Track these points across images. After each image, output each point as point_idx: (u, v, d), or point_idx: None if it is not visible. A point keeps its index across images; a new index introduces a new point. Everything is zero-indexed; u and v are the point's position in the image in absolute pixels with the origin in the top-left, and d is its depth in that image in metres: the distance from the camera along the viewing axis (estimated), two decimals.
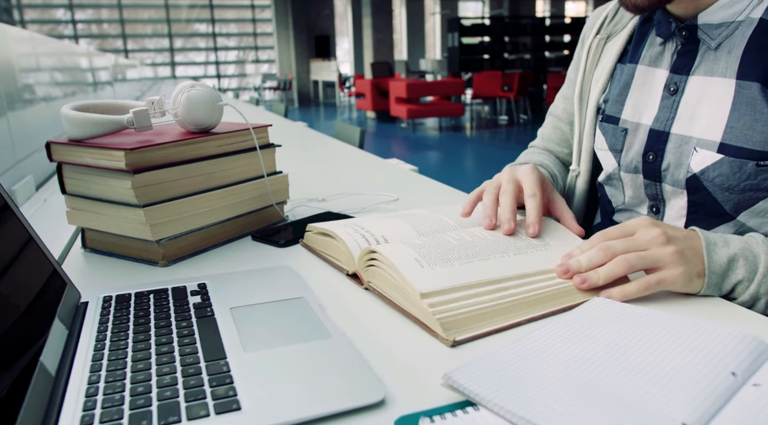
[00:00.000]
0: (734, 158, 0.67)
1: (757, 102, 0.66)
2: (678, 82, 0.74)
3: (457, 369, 0.44)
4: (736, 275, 0.59)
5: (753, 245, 0.60)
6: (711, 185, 0.70)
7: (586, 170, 0.91)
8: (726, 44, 0.69)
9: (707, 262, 0.59)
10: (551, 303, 0.59)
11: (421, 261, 0.60)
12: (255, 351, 0.51)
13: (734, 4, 0.68)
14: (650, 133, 0.77)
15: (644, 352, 0.45)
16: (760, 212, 0.69)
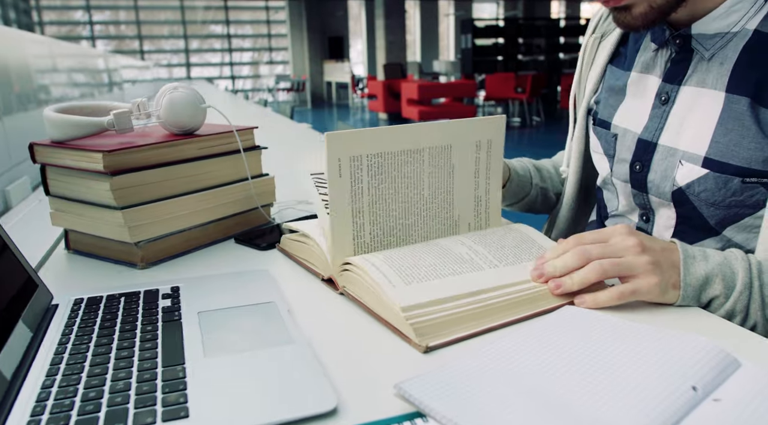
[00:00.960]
0: (719, 174, 0.65)
1: (745, 118, 0.63)
2: (670, 91, 0.71)
3: (409, 379, 0.43)
4: (713, 290, 0.58)
5: (732, 261, 0.59)
6: (697, 200, 0.68)
7: (574, 172, 0.90)
8: (719, 55, 0.66)
9: (683, 274, 0.57)
10: (525, 308, 0.58)
11: (396, 279, 0.59)
12: (215, 356, 0.51)
13: (730, 14, 0.65)
14: (638, 143, 0.75)
15: (606, 363, 0.44)
16: (747, 227, 0.67)
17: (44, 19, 15.14)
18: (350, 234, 0.66)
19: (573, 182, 0.90)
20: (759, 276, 0.58)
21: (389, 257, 0.63)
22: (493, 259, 0.64)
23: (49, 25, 15.32)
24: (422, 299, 0.55)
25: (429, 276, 0.59)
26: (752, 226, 0.67)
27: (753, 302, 0.57)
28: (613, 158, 0.80)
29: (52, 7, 15.38)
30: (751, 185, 0.64)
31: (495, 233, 0.71)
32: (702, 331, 0.54)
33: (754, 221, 0.66)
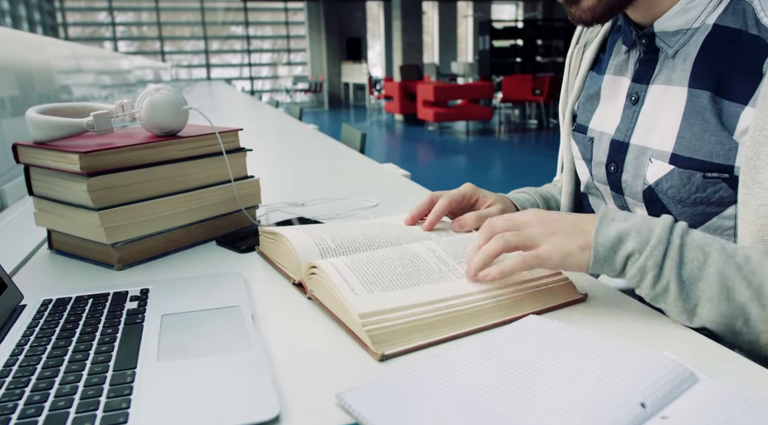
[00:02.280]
0: (683, 169, 0.64)
1: (706, 111, 0.63)
2: (639, 91, 0.72)
3: (350, 390, 0.42)
4: (627, 247, 0.55)
5: (655, 220, 0.56)
6: (665, 198, 0.68)
7: (567, 180, 0.90)
8: (682, 52, 0.67)
9: (594, 235, 0.56)
10: (487, 317, 0.56)
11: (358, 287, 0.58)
12: (168, 361, 0.50)
13: (688, 11, 0.65)
14: (611, 143, 0.75)
15: (555, 376, 0.43)
16: (717, 228, 0.65)
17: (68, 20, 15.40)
18: (311, 241, 0.65)
19: (567, 191, 0.89)
20: (682, 236, 0.55)
21: (355, 263, 0.62)
22: (461, 270, 0.63)
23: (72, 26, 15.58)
24: (381, 307, 0.54)
25: (392, 286, 0.58)
26: (722, 227, 0.65)
27: (669, 259, 0.54)
28: (591, 161, 0.80)
29: (75, 8, 15.64)
30: (712, 180, 0.63)
31: (467, 239, 0.69)
32: (676, 346, 0.52)
33: (723, 222, 0.65)
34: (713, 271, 0.53)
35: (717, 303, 0.52)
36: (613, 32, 0.80)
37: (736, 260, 0.53)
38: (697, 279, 0.53)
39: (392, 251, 0.66)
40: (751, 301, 0.52)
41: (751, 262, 0.53)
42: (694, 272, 0.53)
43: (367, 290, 0.57)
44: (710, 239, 0.55)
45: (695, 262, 0.53)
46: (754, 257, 0.54)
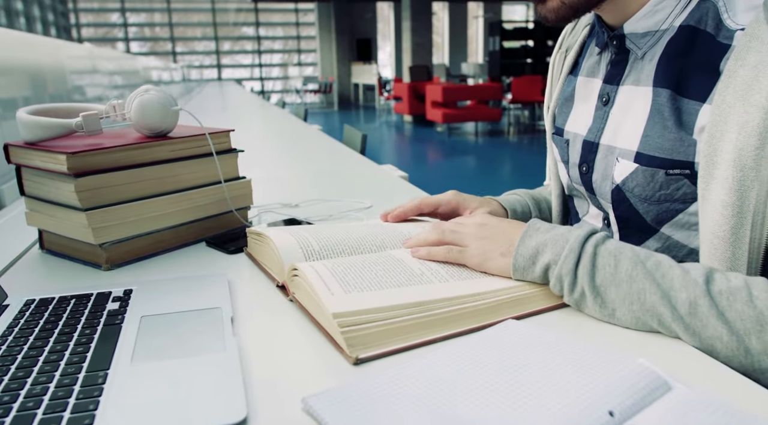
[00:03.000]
0: (647, 167, 0.65)
1: (665, 109, 0.63)
2: (610, 92, 0.72)
3: (316, 394, 0.41)
4: (544, 258, 0.59)
5: (573, 231, 0.59)
6: (632, 196, 0.68)
7: (554, 183, 0.90)
8: (650, 53, 0.67)
9: (517, 244, 0.61)
10: (465, 322, 0.56)
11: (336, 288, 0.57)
12: (141, 363, 0.50)
13: (655, 13, 0.65)
14: (583, 144, 0.76)
15: (525, 383, 0.42)
16: (683, 224, 0.65)
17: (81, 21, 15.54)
18: (296, 243, 0.65)
19: (555, 194, 0.90)
20: (595, 246, 0.57)
21: (336, 266, 0.61)
22: (445, 274, 0.62)
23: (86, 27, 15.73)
24: (356, 307, 0.54)
25: (371, 287, 0.58)
26: (689, 223, 0.65)
27: (581, 267, 0.56)
28: (568, 163, 0.80)
29: (89, 9, 15.78)
30: (674, 176, 0.63)
31: None
32: (655, 352, 0.52)
33: (688, 219, 0.65)
34: (623, 276, 0.55)
35: (630, 306, 0.54)
36: (590, 36, 0.80)
37: (647, 265, 0.55)
38: (610, 284, 0.55)
39: (375, 256, 0.66)
40: (661, 303, 0.52)
41: (662, 267, 0.54)
42: (607, 277, 0.55)
43: (345, 291, 0.56)
44: (626, 248, 0.57)
45: (607, 268, 0.56)
46: (664, 263, 0.55)
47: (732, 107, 0.56)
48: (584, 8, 0.66)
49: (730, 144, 0.55)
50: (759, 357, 0.48)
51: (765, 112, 0.53)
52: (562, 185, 0.88)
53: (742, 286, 0.51)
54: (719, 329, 0.50)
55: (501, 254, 0.62)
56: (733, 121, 0.55)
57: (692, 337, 0.51)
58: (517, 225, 0.65)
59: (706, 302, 0.51)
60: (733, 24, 0.60)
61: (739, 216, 0.56)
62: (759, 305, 0.49)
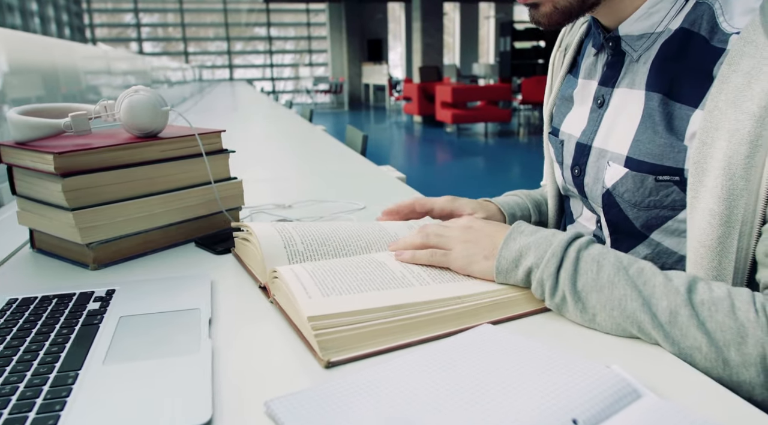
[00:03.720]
0: (636, 173, 0.64)
1: (656, 114, 0.62)
2: (605, 94, 0.71)
3: (278, 398, 0.41)
4: (527, 261, 0.58)
5: (557, 235, 0.59)
6: (622, 201, 0.67)
7: (550, 184, 0.89)
8: (645, 56, 0.66)
9: (500, 247, 0.60)
10: (443, 325, 0.55)
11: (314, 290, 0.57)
12: (113, 364, 0.50)
13: (651, 15, 0.64)
14: (576, 146, 0.75)
15: (491, 390, 0.41)
16: (673, 231, 0.65)
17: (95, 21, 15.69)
18: (281, 243, 0.64)
19: (551, 194, 0.89)
20: (578, 250, 0.56)
21: (316, 269, 0.61)
22: (426, 277, 0.62)
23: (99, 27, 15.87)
24: (332, 310, 0.53)
25: (350, 290, 0.57)
26: (678, 230, 0.64)
27: (563, 271, 0.56)
28: (562, 164, 0.79)
29: (102, 10, 15.93)
30: (664, 183, 0.62)
31: None
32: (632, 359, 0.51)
33: (678, 226, 0.64)
34: (605, 282, 0.54)
35: (610, 312, 0.53)
36: (588, 35, 0.79)
37: (629, 271, 0.54)
38: (591, 289, 0.54)
39: (357, 259, 0.65)
40: (641, 310, 0.52)
41: (644, 273, 0.54)
42: (588, 283, 0.55)
43: (323, 294, 0.56)
44: (609, 254, 0.56)
45: (589, 274, 0.55)
46: (647, 270, 0.54)
47: (723, 114, 0.54)
48: (577, 12, 0.65)
49: (720, 152, 0.54)
50: (737, 370, 0.48)
51: (756, 120, 0.52)
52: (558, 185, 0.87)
53: (724, 296, 0.50)
54: (699, 339, 0.49)
55: (484, 257, 0.61)
56: (724, 128, 0.54)
57: (672, 346, 0.50)
58: (502, 228, 0.65)
59: (687, 312, 0.50)
60: (728, 27, 0.58)
61: (727, 226, 0.55)
62: (740, 316, 0.48)
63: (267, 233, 0.70)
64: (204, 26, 16.70)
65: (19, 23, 10.39)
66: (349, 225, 0.77)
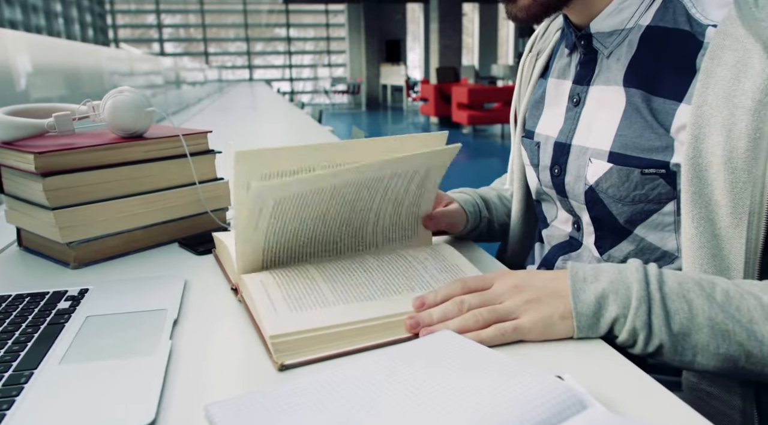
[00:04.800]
0: (621, 167, 0.63)
1: (641, 109, 0.62)
2: (580, 92, 0.71)
3: (217, 402, 0.41)
4: (610, 312, 0.52)
5: (627, 274, 0.53)
6: (606, 197, 0.66)
7: (518, 188, 0.88)
8: (616, 52, 0.66)
9: (573, 303, 0.53)
10: (400, 331, 0.54)
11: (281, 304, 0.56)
12: (70, 363, 0.50)
13: (621, 11, 0.65)
14: (555, 146, 0.74)
15: (434, 394, 0.41)
16: (657, 225, 0.64)
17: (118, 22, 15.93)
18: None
19: (518, 198, 0.88)
20: (660, 288, 0.52)
21: (284, 278, 0.60)
22: (401, 287, 0.61)
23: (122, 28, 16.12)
24: (297, 328, 0.52)
25: (318, 303, 0.56)
26: (662, 224, 0.63)
27: (655, 317, 0.51)
28: (538, 166, 0.78)
29: (125, 11, 16.17)
30: (650, 176, 0.61)
31: (416, 256, 0.67)
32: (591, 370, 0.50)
33: (663, 219, 0.63)
34: (702, 321, 0.51)
35: (715, 350, 0.51)
36: (560, 40, 0.79)
37: (718, 300, 0.51)
38: (689, 330, 0.51)
39: (332, 266, 0.64)
40: (749, 340, 0.50)
41: (731, 297, 0.52)
42: (684, 323, 0.51)
43: (290, 309, 0.55)
44: (685, 280, 0.53)
45: (681, 313, 0.51)
46: (731, 291, 0.52)
47: (714, 109, 0.55)
48: (555, 6, 0.65)
49: (718, 147, 0.54)
50: None
51: (752, 113, 0.52)
52: (527, 189, 0.86)
53: None
54: None
55: (561, 318, 0.53)
56: (718, 123, 0.54)
57: None
58: (553, 276, 0.56)
59: None
60: (703, 19, 0.59)
61: (733, 217, 0.55)
62: None
63: None
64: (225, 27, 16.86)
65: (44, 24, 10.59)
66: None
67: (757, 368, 0.51)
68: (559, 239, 0.79)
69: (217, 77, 9.09)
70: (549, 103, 0.78)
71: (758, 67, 0.52)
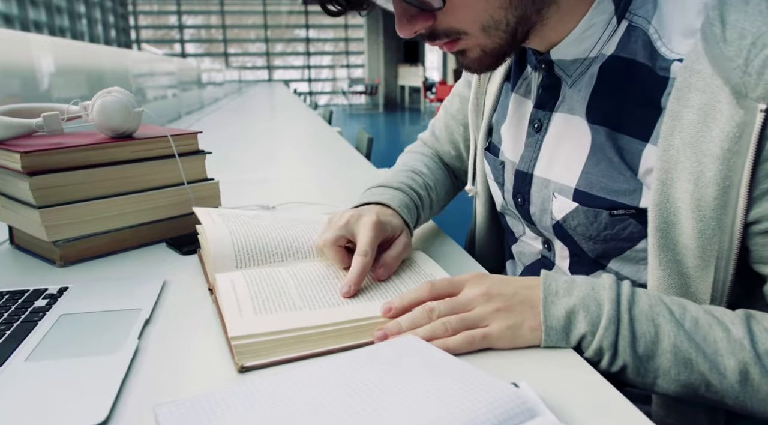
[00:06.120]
0: (589, 208, 0.60)
1: (607, 149, 0.59)
2: (542, 118, 0.67)
3: (165, 403, 0.41)
4: (579, 329, 0.51)
5: (600, 291, 0.52)
6: (575, 234, 0.63)
7: (484, 190, 0.85)
8: (579, 82, 0.62)
9: (543, 316, 0.52)
10: (363, 336, 0.54)
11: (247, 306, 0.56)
12: (35, 361, 0.51)
13: (583, 40, 0.60)
14: (516, 174, 0.71)
15: (382, 399, 0.40)
16: (631, 259, 0.61)
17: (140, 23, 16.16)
18: (230, 247, 0.64)
19: (483, 200, 0.85)
20: (630, 309, 0.51)
21: (255, 280, 0.61)
22: (372, 293, 0.60)
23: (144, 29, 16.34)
24: (260, 330, 0.52)
25: (285, 307, 0.56)
26: (636, 258, 0.61)
27: (621, 338, 0.50)
28: (503, 186, 0.75)
29: (147, 12, 16.39)
30: (619, 217, 0.59)
31: None
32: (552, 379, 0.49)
33: (636, 254, 0.60)
34: (667, 346, 0.50)
35: (676, 376, 0.50)
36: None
37: (686, 327, 0.50)
38: (653, 354, 0.50)
39: (303, 268, 0.64)
40: (710, 371, 0.49)
41: (699, 326, 0.51)
42: (648, 347, 0.50)
43: (255, 311, 0.55)
44: (656, 302, 0.52)
45: (647, 336, 0.50)
46: (701, 319, 0.51)
47: (681, 154, 0.52)
48: (508, 51, 0.59)
49: (686, 194, 0.52)
50: None
51: (720, 162, 0.50)
52: (491, 197, 0.83)
53: None
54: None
55: (530, 329, 0.52)
56: (685, 169, 0.52)
57: (743, 401, 0.49)
58: (526, 283, 0.55)
59: (758, 370, 0.48)
60: (668, 53, 0.54)
61: (701, 259, 0.53)
62: None
63: (219, 236, 0.70)
64: (245, 28, 17.01)
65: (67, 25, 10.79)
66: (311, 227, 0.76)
67: (716, 397, 0.50)
68: (530, 257, 0.76)
69: (236, 78, 9.17)
70: (511, 121, 0.73)
71: (726, 113, 0.49)
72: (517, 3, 0.54)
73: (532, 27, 0.57)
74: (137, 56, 2.80)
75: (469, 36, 0.56)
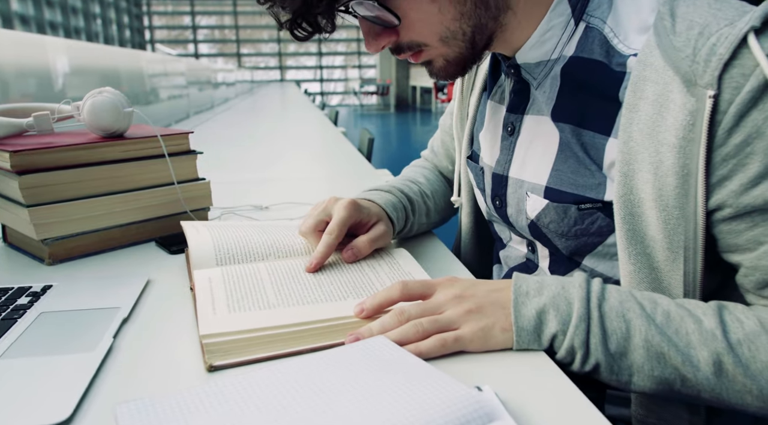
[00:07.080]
0: (558, 204, 0.61)
1: (573, 145, 0.60)
2: (514, 121, 0.68)
3: (126, 402, 0.41)
4: (550, 328, 0.51)
5: (570, 290, 0.52)
6: (548, 232, 0.64)
7: (468, 201, 0.85)
8: (543, 84, 0.63)
9: (514, 317, 0.51)
10: (335, 336, 0.54)
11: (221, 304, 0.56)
12: (9, 359, 0.51)
13: (544, 43, 0.61)
14: (493, 177, 0.72)
15: (343, 401, 0.40)
16: (605, 255, 0.62)
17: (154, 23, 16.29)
18: (210, 244, 0.64)
19: (468, 211, 0.85)
20: (599, 306, 0.51)
21: (232, 277, 0.61)
22: (348, 292, 0.60)
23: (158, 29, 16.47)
24: (230, 328, 0.52)
25: (259, 305, 0.56)
26: (609, 254, 0.61)
27: (592, 336, 0.50)
28: (484, 191, 0.76)
29: (161, 12, 16.52)
30: (587, 211, 0.59)
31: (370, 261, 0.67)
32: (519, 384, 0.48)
33: (608, 250, 0.61)
34: (638, 342, 0.50)
35: (650, 372, 0.50)
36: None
37: (657, 321, 0.50)
38: (625, 351, 0.50)
39: (281, 265, 0.64)
40: (684, 365, 0.49)
41: (671, 319, 0.50)
42: (621, 343, 0.50)
43: (229, 309, 0.56)
44: (627, 298, 0.52)
45: (619, 332, 0.50)
46: (672, 312, 0.51)
47: (640, 145, 0.53)
48: (471, 59, 0.61)
49: (647, 184, 0.53)
50: None
51: (677, 150, 0.50)
52: (476, 205, 0.84)
53: (758, 330, 0.49)
54: (748, 384, 0.48)
55: (502, 330, 0.52)
56: (645, 160, 0.52)
57: (720, 393, 0.49)
58: (497, 286, 0.55)
59: (731, 360, 0.48)
60: (625, 49, 0.56)
61: (670, 251, 0.53)
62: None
63: (201, 239, 0.70)
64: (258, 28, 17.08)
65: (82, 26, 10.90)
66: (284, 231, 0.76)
67: (693, 392, 0.50)
68: (516, 260, 0.77)
69: (248, 78, 9.22)
70: (487, 127, 0.75)
71: (679, 102, 0.50)
72: (471, 13, 0.56)
73: (492, 34, 0.60)
74: (150, 57, 2.82)
75: (430, 47, 0.60)
